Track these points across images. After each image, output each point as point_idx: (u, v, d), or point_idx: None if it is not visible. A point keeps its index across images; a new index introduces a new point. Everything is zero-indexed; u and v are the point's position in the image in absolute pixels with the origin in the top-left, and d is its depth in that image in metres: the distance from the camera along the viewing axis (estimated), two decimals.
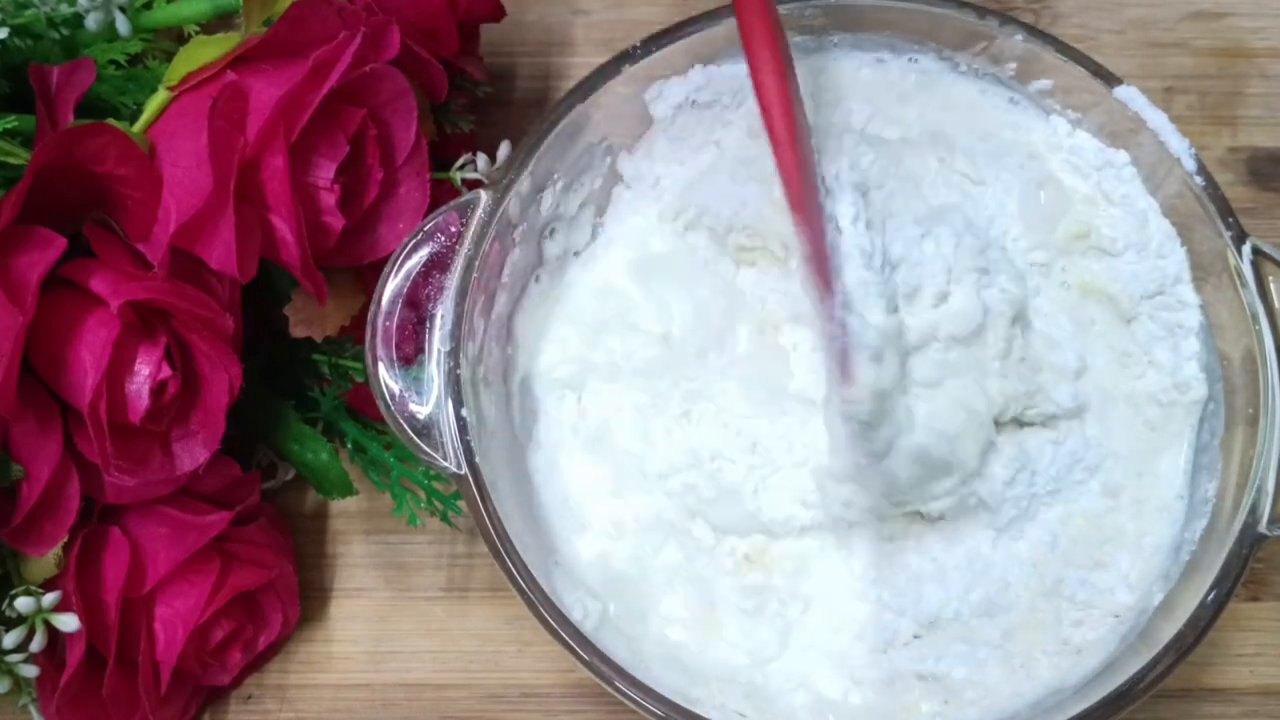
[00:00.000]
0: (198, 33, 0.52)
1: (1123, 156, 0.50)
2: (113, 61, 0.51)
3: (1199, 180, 0.48)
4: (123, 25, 0.48)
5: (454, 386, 0.46)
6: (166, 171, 0.45)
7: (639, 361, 0.51)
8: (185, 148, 0.45)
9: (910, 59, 0.52)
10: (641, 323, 0.52)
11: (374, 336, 0.45)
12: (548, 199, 0.51)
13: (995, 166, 0.51)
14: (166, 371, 0.45)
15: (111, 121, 0.45)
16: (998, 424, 0.48)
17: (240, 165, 0.45)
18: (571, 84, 0.50)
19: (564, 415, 0.51)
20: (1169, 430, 0.49)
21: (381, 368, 0.45)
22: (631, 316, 0.52)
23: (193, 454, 0.47)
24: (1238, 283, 0.46)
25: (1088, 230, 0.51)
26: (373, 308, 0.46)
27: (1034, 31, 0.50)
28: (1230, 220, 0.47)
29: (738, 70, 0.52)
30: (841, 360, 0.45)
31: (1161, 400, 0.49)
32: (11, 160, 0.46)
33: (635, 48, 0.50)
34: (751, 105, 0.53)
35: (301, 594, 0.55)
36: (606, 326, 0.52)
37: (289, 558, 0.54)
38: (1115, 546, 0.48)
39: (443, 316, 0.46)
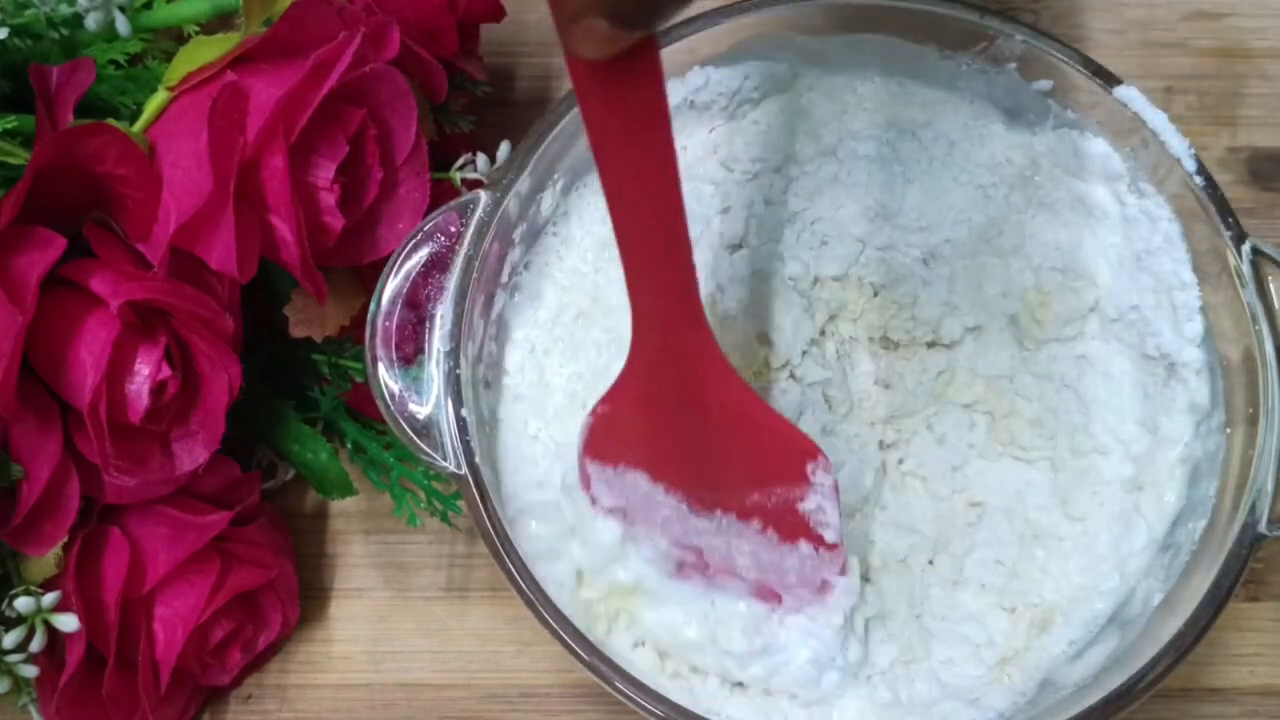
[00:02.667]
0: (198, 33, 0.52)
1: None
2: (112, 61, 0.51)
3: (1199, 180, 0.47)
4: (122, 25, 0.48)
5: (454, 386, 0.46)
6: (166, 171, 0.45)
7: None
8: (185, 148, 0.45)
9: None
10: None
11: (374, 336, 0.45)
12: (548, 199, 0.51)
13: None
14: (166, 371, 0.45)
15: (111, 121, 0.45)
16: None
17: (240, 165, 0.45)
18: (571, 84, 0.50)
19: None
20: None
21: (381, 368, 0.45)
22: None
23: (192, 454, 0.47)
24: (1237, 283, 0.46)
25: None
26: (372, 308, 0.46)
27: (1034, 31, 0.50)
28: (1230, 220, 0.47)
29: (737, 71, 0.52)
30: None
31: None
32: (11, 160, 0.46)
33: None
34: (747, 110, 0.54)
35: (301, 594, 0.55)
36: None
37: (289, 558, 0.54)
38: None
39: (442, 316, 0.46)
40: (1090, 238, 0.51)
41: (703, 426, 0.43)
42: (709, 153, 0.54)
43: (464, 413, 0.45)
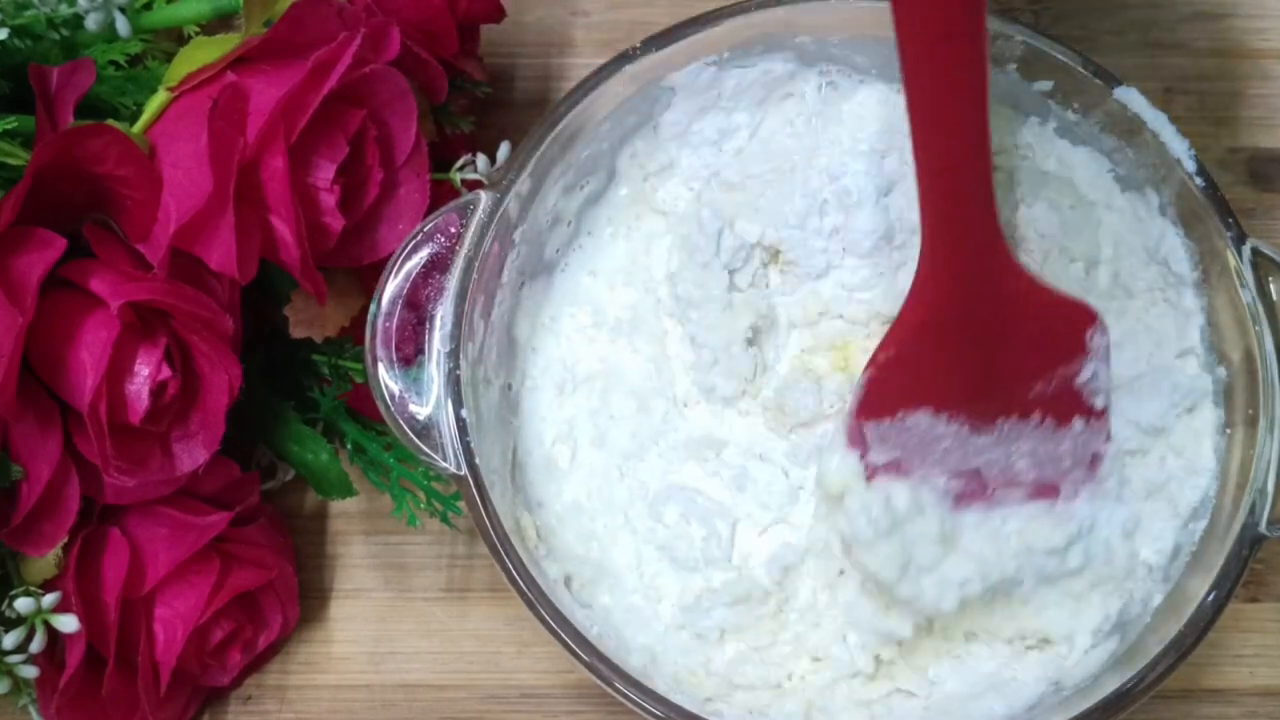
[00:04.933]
0: (198, 33, 0.52)
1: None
2: (112, 62, 0.51)
3: (1199, 181, 0.47)
4: (123, 26, 0.48)
5: (454, 387, 0.46)
6: (166, 172, 0.45)
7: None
8: (185, 149, 0.45)
9: None
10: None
11: (374, 337, 0.45)
12: (547, 199, 0.51)
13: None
14: (166, 372, 0.45)
15: (111, 122, 0.45)
16: None
17: (240, 166, 0.45)
18: (571, 85, 0.50)
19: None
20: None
21: (381, 368, 0.45)
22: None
23: (192, 455, 0.47)
24: (1238, 283, 0.46)
25: None
26: (372, 308, 0.46)
27: (1034, 32, 0.50)
28: (1230, 221, 0.47)
29: (738, 73, 0.52)
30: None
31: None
32: (11, 160, 0.46)
33: (635, 48, 0.50)
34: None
35: (301, 594, 0.55)
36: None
37: (289, 558, 0.54)
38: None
39: (442, 317, 0.46)
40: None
41: (998, 330, 0.44)
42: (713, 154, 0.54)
43: (464, 413, 0.45)
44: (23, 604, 0.45)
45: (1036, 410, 0.45)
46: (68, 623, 0.46)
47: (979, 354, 0.44)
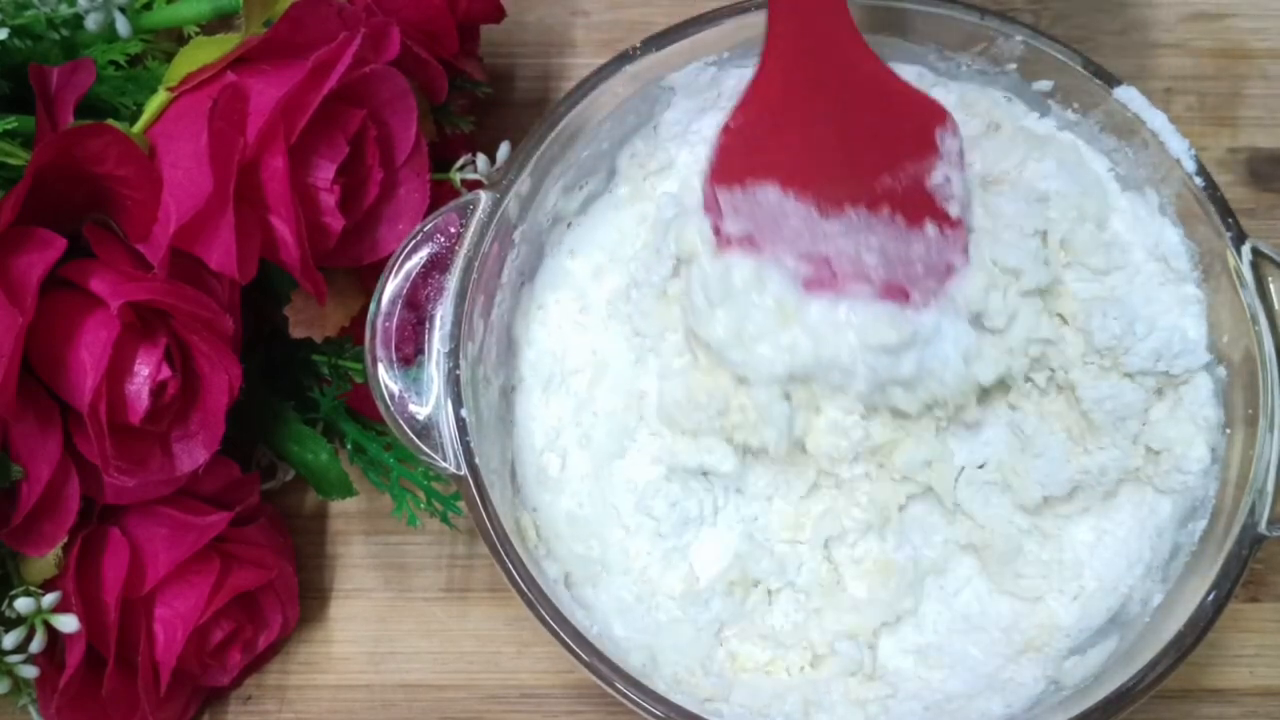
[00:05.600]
0: (198, 33, 0.52)
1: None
2: (112, 62, 0.51)
3: (1199, 181, 0.48)
4: (123, 26, 0.48)
5: (453, 387, 0.46)
6: (166, 172, 0.45)
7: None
8: (185, 149, 0.45)
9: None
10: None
11: (373, 337, 0.45)
12: (548, 199, 0.51)
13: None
14: (166, 372, 0.45)
15: (111, 122, 0.45)
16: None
17: (240, 166, 0.45)
18: (571, 84, 0.50)
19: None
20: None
21: (381, 368, 0.45)
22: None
23: (192, 455, 0.47)
24: (1237, 283, 0.46)
25: None
26: (372, 308, 0.46)
27: (1034, 32, 0.50)
28: (1230, 221, 0.47)
29: (738, 73, 0.52)
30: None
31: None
32: (11, 160, 0.46)
33: (635, 48, 0.50)
34: None
35: (301, 594, 0.55)
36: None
37: (289, 558, 0.54)
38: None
39: (442, 317, 0.46)
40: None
41: (839, 108, 0.45)
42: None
43: (464, 413, 0.45)
44: (23, 604, 0.45)
45: (886, 203, 0.46)
46: (68, 623, 0.46)
47: (824, 134, 0.46)
